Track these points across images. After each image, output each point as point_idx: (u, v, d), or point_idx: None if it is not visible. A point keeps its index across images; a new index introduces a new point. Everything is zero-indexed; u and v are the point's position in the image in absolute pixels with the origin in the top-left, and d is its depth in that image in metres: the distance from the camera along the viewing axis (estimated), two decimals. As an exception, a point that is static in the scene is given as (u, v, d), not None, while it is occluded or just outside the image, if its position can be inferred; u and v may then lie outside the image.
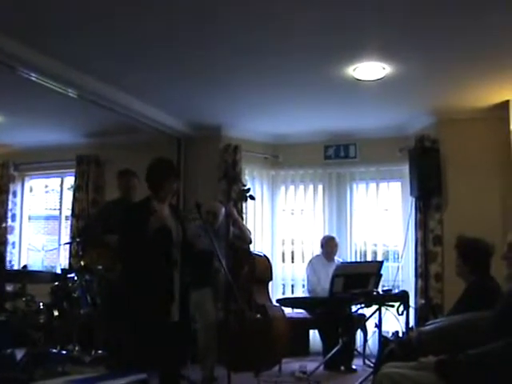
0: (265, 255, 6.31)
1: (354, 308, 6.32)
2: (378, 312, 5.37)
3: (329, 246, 6.97)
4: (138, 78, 5.70)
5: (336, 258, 6.99)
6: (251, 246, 6.11)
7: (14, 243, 8.67)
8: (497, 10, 4.08)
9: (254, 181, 7.92)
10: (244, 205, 7.21)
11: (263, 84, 5.83)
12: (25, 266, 6.48)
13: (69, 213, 8.38)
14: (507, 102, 6.12)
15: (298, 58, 5.12)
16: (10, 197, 8.66)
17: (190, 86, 5.94)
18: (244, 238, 5.83)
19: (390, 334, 4.66)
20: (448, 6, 4.04)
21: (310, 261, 7.08)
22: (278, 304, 6.14)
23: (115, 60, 5.23)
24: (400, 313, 5.32)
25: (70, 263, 7.78)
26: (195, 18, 4.34)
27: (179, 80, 5.73)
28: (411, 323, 5.60)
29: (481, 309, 3.29)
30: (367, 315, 6.14)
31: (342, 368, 6.21)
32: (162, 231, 4.15)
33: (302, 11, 4.17)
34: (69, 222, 8.38)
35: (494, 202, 6.49)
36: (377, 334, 5.47)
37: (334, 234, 7.34)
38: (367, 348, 6.49)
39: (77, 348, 5.13)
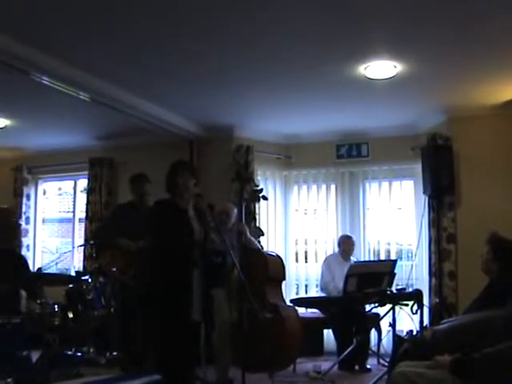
0: (277, 255, 6.31)
1: (367, 307, 6.31)
2: (391, 311, 5.35)
3: (346, 244, 6.96)
4: (149, 80, 5.71)
5: (351, 257, 6.98)
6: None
7: (28, 246, 8.73)
8: (508, 7, 4.06)
9: (266, 181, 7.91)
10: (257, 205, 7.22)
11: (275, 84, 5.83)
12: (39, 269, 6.52)
13: (82, 215, 8.43)
14: (519, 98, 6.09)
15: (310, 58, 5.11)
16: (24, 200, 8.71)
17: (201, 88, 5.95)
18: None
19: (405, 333, 4.64)
20: (459, 3, 4.02)
21: (326, 258, 7.09)
22: (291, 304, 6.13)
23: (127, 63, 5.25)
24: (414, 312, 5.30)
25: (84, 265, 7.83)
26: (206, 25, 4.37)
27: (191, 82, 5.74)
28: (425, 322, 5.57)
29: (501, 306, 3.26)
30: (381, 314, 6.11)
31: (357, 367, 6.21)
32: (185, 230, 4.22)
33: (313, 11, 4.17)
34: (82, 225, 8.43)
35: (508, 199, 6.43)
36: (391, 333, 5.45)
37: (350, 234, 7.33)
38: (381, 347, 6.49)
39: (92, 350, 5.14)
